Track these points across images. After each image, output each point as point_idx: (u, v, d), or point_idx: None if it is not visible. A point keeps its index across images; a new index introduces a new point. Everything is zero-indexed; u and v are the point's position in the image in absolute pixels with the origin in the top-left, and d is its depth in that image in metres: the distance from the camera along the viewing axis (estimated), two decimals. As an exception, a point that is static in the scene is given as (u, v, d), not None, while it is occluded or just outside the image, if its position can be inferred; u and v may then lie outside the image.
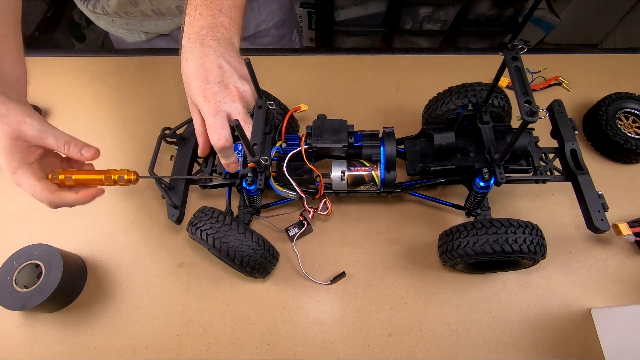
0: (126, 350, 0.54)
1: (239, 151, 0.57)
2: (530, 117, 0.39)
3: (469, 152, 0.55)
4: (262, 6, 0.83)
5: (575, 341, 0.55)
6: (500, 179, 0.50)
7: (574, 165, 0.54)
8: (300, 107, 0.58)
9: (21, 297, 0.51)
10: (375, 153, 0.54)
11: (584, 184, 0.53)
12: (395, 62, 0.81)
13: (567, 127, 0.56)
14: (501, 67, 0.49)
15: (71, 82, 0.78)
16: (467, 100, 0.57)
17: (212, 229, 0.48)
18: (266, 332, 0.55)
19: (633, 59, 0.82)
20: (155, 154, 0.55)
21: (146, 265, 0.60)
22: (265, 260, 0.52)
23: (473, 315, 0.56)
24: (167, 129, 0.58)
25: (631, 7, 1.67)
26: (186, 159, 0.58)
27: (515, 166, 0.55)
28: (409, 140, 0.58)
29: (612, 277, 0.59)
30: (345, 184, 0.55)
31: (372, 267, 0.59)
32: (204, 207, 0.52)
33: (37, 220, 0.63)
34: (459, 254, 0.50)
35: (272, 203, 0.62)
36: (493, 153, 0.51)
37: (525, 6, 1.70)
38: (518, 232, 0.48)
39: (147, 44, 0.83)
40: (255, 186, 0.51)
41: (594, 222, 0.50)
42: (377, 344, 0.55)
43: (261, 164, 0.50)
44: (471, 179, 0.54)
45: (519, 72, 0.44)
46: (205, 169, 0.58)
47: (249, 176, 0.51)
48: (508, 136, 0.54)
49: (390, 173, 0.54)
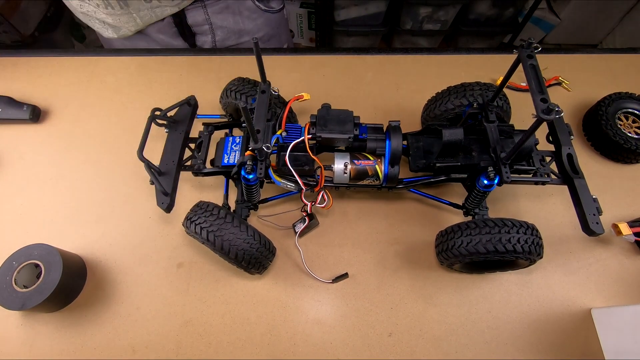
0: (126, 350, 0.54)
1: (236, 143, 0.56)
2: (546, 115, 0.39)
3: (472, 150, 0.55)
4: (246, 19, 0.82)
5: (575, 341, 0.55)
6: (506, 178, 0.50)
7: (570, 169, 0.54)
8: (302, 96, 0.55)
9: (21, 297, 0.51)
10: (380, 147, 0.53)
11: (580, 187, 0.53)
12: (395, 62, 0.81)
13: (563, 131, 0.57)
14: (513, 65, 0.49)
15: (71, 82, 0.78)
16: (465, 100, 0.57)
17: (207, 222, 0.48)
18: (266, 332, 0.55)
19: (633, 59, 0.82)
20: (145, 135, 0.52)
21: (146, 265, 0.60)
22: (261, 255, 0.51)
23: (473, 315, 0.56)
24: (157, 109, 0.55)
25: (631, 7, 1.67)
26: (177, 143, 0.55)
27: (519, 166, 0.55)
28: (413, 136, 0.57)
29: (612, 277, 0.59)
30: (348, 177, 0.54)
31: (372, 267, 0.59)
32: (200, 201, 0.52)
33: (37, 220, 0.63)
34: (454, 254, 0.51)
35: (271, 198, 0.62)
36: (499, 152, 0.51)
37: (525, 6, 1.69)
38: (512, 231, 0.48)
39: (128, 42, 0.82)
40: (255, 175, 0.49)
41: (590, 225, 0.51)
42: (377, 344, 0.55)
43: (263, 152, 0.48)
44: (474, 177, 0.54)
45: (534, 70, 0.44)
46: (198, 154, 0.56)
47: (248, 164, 0.48)
48: (511, 137, 0.54)
49: (394, 168, 0.53)
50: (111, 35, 0.81)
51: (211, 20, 0.80)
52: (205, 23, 0.80)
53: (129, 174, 0.67)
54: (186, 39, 0.83)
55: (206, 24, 0.80)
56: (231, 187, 0.62)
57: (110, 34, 0.80)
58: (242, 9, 0.81)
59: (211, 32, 0.82)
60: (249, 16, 0.83)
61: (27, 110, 0.71)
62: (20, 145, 0.70)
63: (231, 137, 0.56)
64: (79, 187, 0.66)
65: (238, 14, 0.81)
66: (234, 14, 0.81)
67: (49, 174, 0.67)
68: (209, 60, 0.80)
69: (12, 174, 0.68)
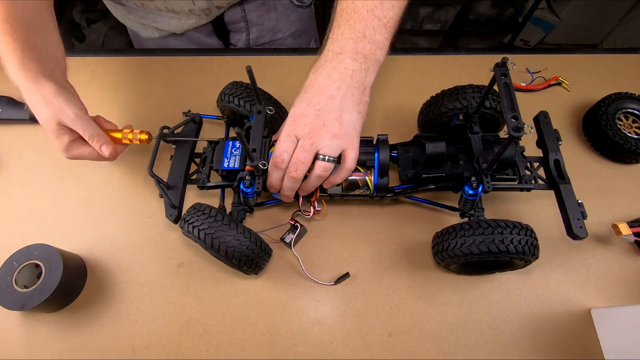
0: (126, 350, 0.54)
1: (236, 148, 0.57)
2: (516, 133, 0.42)
3: (459, 160, 0.56)
4: (281, 15, 0.83)
5: (575, 341, 0.55)
6: (487, 188, 0.52)
7: (556, 175, 0.56)
8: None
9: (21, 297, 0.51)
10: (370, 159, 0.56)
11: (565, 192, 0.54)
12: (395, 62, 0.81)
13: (551, 137, 0.58)
14: (491, 82, 0.51)
15: (71, 82, 0.77)
16: (458, 104, 0.58)
17: (202, 223, 0.49)
18: (266, 332, 0.55)
19: (633, 59, 0.82)
20: (154, 153, 0.55)
21: (146, 265, 0.60)
22: (254, 254, 0.51)
23: (473, 315, 0.56)
24: (165, 127, 0.58)
25: (631, 7, 1.67)
26: (184, 158, 0.59)
27: (502, 175, 0.56)
28: (402, 146, 0.59)
29: (612, 277, 0.59)
30: (340, 189, 0.57)
31: (372, 267, 0.59)
32: (196, 203, 0.52)
33: (37, 220, 0.63)
34: (449, 255, 0.51)
35: (266, 202, 0.62)
36: (481, 162, 0.53)
37: (525, 6, 1.70)
38: (505, 232, 0.48)
39: (162, 41, 0.83)
40: (253, 189, 0.52)
41: (573, 229, 0.52)
42: (377, 344, 0.55)
43: (259, 168, 0.51)
44: (460, 186, 0.55)
45: (507, 89, 0.46)
46: (202, 169, 0.58)
47: (247, 179, 0.51)
48: (496, 146, 0.55)
49: (383, 179, 0.56)
50: (152, 36, 0.81)
51: (247, 17, 0.80)
52: (242, 20, 0.80)
53: (129, 174, 0.67)
54: (221, 37, 0.83)
55: (242, 21, 0.80)
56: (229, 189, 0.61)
57: (150, 33, 0.81)
58: (277, 5, 0.81)
59: (246, 29, 0.82)
60: (283, 12, 0.83)
61: (27, 110, 0.71)
62: (20, 145, 0.70)
63: (230, 142, 0.57)
64: (78, 187, 0.66)
65: (273, 10, 0.81)
66: (270, 11, 0.81)
67: (49, 174, 0.68)
68: (209, 60, 0.80)
69: (12, 174, 0.68)
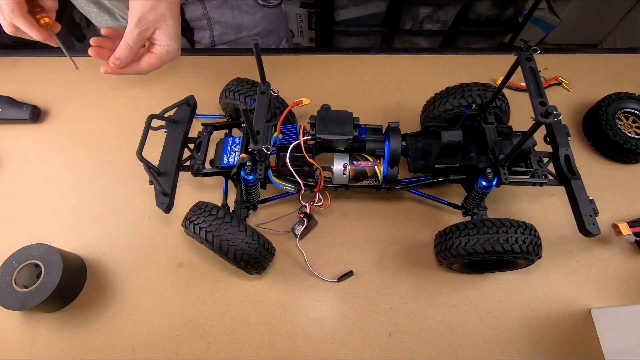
0: (126, 350, 0.54)
1: (236, 144, 0.56)
2: (544, 119, 0.39)
3: (470, 151, 0.55)
4: (244, 14, 0.83)
5: (575, 341, 0.55)
6: (504, 180, 0.50)
7: (567, 171, 0.55)
8: (301, 101, 0.55)
9: (21, 297, 0.51)
10: (379, 148, 0.53)
11: (577, 188, 0.53)
12: (395, 62, 0.81)
13: (561, 132, 0.57)
14: (512, 67, 0.49)
15: (71, 82, 0.78)
16: (464, 101, 0.57)
17: (205, 222, 0.48)
18: (266, 332, 0.55)
19: (633, 59, 0.82)
20: (144, 136, 0.51)
21: (146, 265, 0.60)
22: (260, 255, 0.51)
23: (473, 315, 0.56)
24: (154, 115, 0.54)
25: (631, 7, 1.67)
26: (177, 143, 0.55)
27: (517, 167, 0.55)
28: (411, 137, 0.57)
29: (612, 277, 0.59)
30: (347, 178, 0.54)
31: (372, 267, 0.59)
32: (199, 202, 0.52)
33: (37, 220, 0.63)
34: (452, 254, 0.51)
35: (270, 198, 0.62)
36: (497, 153, 0.51)
37: (525, 6, 1.69)
38: (510, 231, 0.48)
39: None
40: (255, 176, 0.49)
41: (586, 226, 0.51)
42: (377, 344, 0.55)
43: (263, 152, 0.48)
44: (473, 178, 0.54)
45: (533, 73, 0.45)
46: (197, 155, 0.56)
47: (248, 165, 0.48)
48: (509, 139, 0.54)
49: (393, 169, 0.53)
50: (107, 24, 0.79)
51: (209, 15, 0.80)
52: (203, 18, 0.80)
53: (129, 174, 0.67)
54: (185, 34, 0.83)
55: (204, 18, 0.80)
56: (231, 188, 0.62)
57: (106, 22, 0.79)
58: (240, 4, 0.81)
59: (209, 27, 0.82)
60: (247, 11, 0.83)
61: (27, 110, 0.71)
62: (20, 145, 0.70)
63: (231, 138, 0.56)
64: (78, 187, 0.66)
65: (236, 9, 0.81)
66: (232, 9, 0.81)
67: (49, 174, 0.68)
68: (209, 60, 0.80)
69: (12, 174, 0.68)
